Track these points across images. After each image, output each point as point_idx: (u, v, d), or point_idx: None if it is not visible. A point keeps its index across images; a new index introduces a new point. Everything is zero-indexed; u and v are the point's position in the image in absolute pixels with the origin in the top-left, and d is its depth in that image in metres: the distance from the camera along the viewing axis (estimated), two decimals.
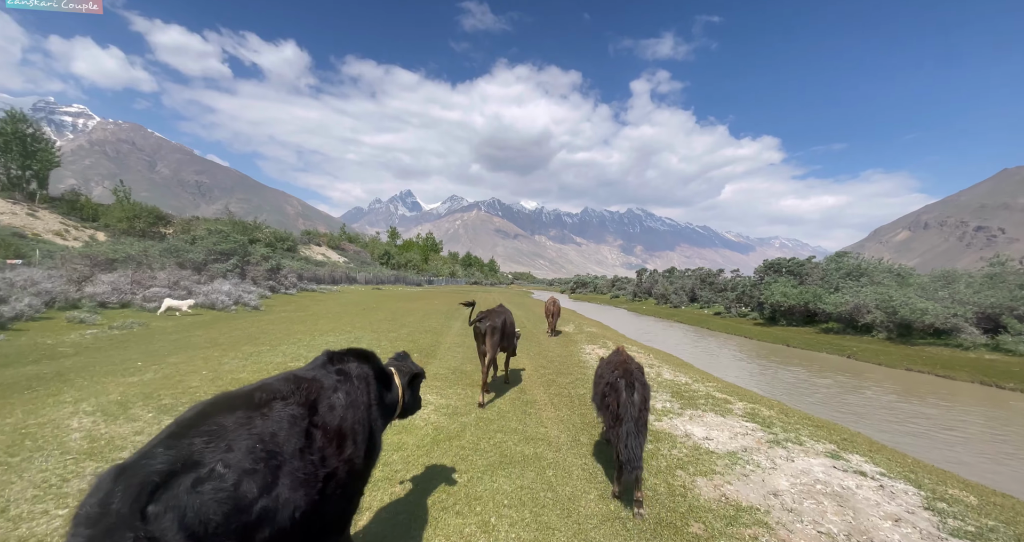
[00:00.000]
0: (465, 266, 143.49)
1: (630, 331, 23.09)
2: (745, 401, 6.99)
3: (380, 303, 25.62)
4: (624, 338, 16.89)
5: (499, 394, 6.92)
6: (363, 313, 18.75)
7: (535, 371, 8.72)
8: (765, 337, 23.17)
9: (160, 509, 1.33)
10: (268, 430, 1.69)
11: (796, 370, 14.46)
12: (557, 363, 9.62)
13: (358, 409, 2.23)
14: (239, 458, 1.53)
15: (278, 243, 57.96)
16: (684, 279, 46.65)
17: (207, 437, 1.53)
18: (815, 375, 13.64)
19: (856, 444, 5.33)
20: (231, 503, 1.44)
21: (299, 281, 35.09)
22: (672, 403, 6.62)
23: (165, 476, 1.38)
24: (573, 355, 10.88)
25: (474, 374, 8.10)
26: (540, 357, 10.37)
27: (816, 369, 14.79)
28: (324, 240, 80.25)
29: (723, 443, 5.01)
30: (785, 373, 13.86)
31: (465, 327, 15.44)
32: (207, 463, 1.46)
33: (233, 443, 1.56)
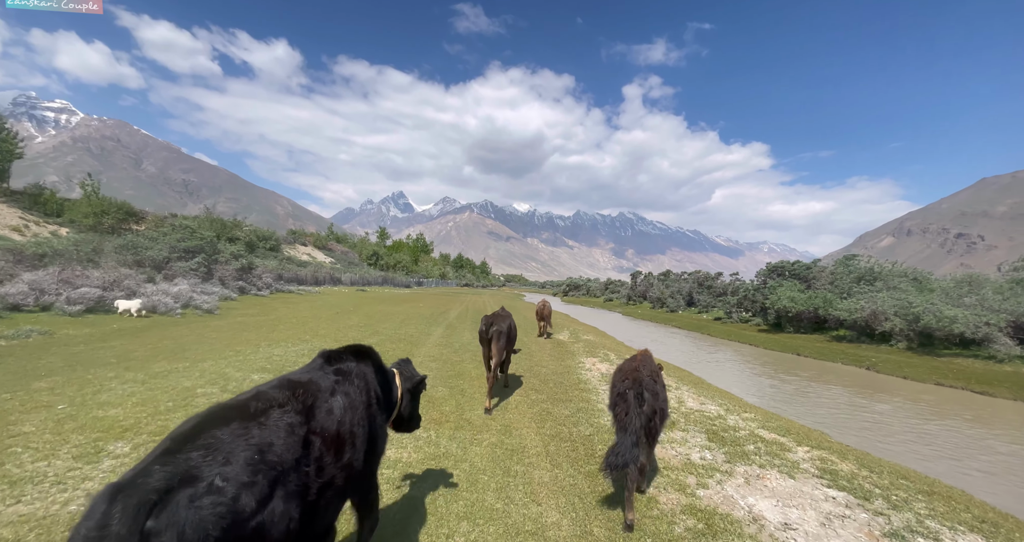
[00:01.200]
0: (456, 268, 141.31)
1: (631, 338, 21.37)
2: (805, 444, 5.25)
3: (359, 306, 23.63)
4: (625, 347, 15.13)
5: (477, 431, 5.14)
6: (335, 318, 16.79)
7: (525, 395, 6.91)
8: (772, 345, 21.60)
9: (159, 527, 1.30)
10: (266, 440, 1.65)
11: (826, 387, 12.80)
12: (552, 384, 7.82)
13: (357, 410, 2.20)
14: (237, 471, 1.50)
15: (260, 242, 55.54)
16: (681, 282, 45.22)
17: (204, 451, 1.49)
18: (855, 395, 11.97)
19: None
20: (230, 517, 1.41)
21: (278, 282, 32.91)
22: (713, 452, 4.84)
23: (163, 493, 1.35)
24: (570, 371, 9.09)
25: (449, 402, 6.30)
26: (532, 375, 8.56)
27: (849, 386, 13.15)
28: (310, 240, 77.68)
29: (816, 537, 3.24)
30: (816, 391, 12.19)
31: (447, 337, 13.59)
32: (205, 477, 1.43)
33: (231, 456, 1.52)
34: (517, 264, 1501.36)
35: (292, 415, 1.83)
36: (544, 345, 13.04)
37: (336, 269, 59.70)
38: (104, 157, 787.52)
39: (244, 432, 1.63)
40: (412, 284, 77.91)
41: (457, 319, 19.89)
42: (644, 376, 3.79)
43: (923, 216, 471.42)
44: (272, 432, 1.71)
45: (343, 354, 2.42)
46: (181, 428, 1.60)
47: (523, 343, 13.18)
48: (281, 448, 1.69)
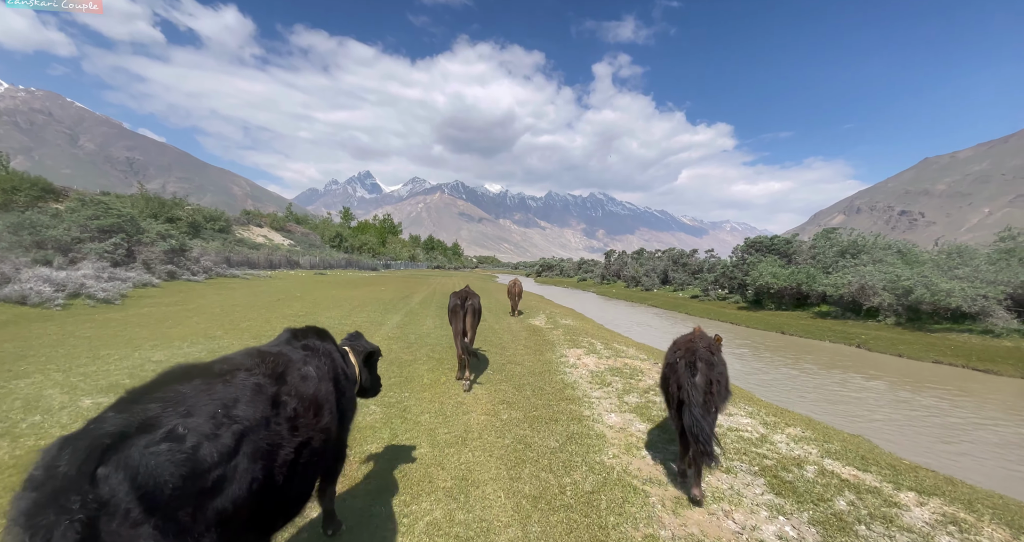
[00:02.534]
0: (427, 250, 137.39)
1: (613, 321, 19.85)
2: (909, 486, 3.57)
3: (309, 291, 21.01)
4: (610, 333, 13.47)
5: (413, 494, 3.19)
6: (272, 306, 14.29)
7: (494, 414, 4.98)
8: (755, 323, 20.64)
9: (110, 470, 1.25)
10: (231, 396, 1.61)
11: (838, 373, 11.55)
12: (529, 392, 5.92)
13: (328, 381, 2.23)
14: (200, 422, 1.45)
15: (207, 223, 50.83)
16: (655, 261, 44.36)
17: (164, 402, 1.45)
18: (894, 385, 10.74)
19: None
20: (188, 466, 1.35)
21: (220, 266, 29.48)
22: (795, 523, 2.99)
23: (117, 438, 1.30)
24: (552, 369, 7.23)
25: (380, 432, 4.30)
26: (504, 377, 6.65)
27: (851, 367, 11.97)
28: (266, 221, 72.29)
29: None
30: (826, 377, 10.90)
31: (403, 327, 11.48)
32: (164, 425, 1.38)
33: (193, 408, 1.48)
34: (490, 245, 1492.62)
35: (260, 377, 1.80)
36: (518, 333, 11.16)
37: (295, 252, 55.73)
38: (34, 132, 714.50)
39: (207, 387, 1.59)
40: (379, 267, 74.42)
41: (421, 304, 17.72)
42: (699, 346, 3.48)
43: (871, 195, 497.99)
44: (238, 389, 1.66)
45: (308, 333, 2.45)
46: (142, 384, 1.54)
47: (492, 331, 11.26)
48: (247, 405, 1.63)
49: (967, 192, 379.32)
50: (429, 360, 7.54)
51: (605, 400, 5.58)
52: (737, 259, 28.12)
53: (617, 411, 5.16)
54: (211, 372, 1.68)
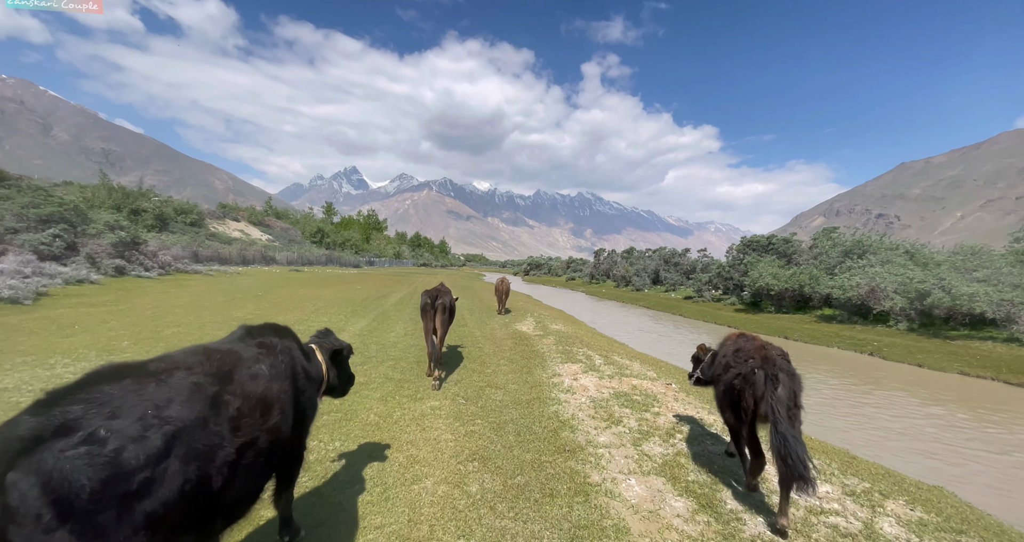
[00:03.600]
0: (413, 247, 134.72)
1: (610, 326, 18.39)
2: None
3: (275, 290, 19.08)
4: (607, 340, 11.95)
5: None
6: (220, 308, 12.42)
7: (459, 468, 3.41)
8: (756, 327, 19.40)
9: (19, 476, 1.22)
10: (164, 397, 1.57)
11: (876, 390, 10.21)
12: (512, 435, 4.30)
13: (283, 380, 2.15)
14: (125, 425, 1.41)
15: (178, 216, 48.08)
16: (646, 260, 43.17)
17: (86, 404, 1.40)
18: (934, 403, 9.40)
19: None
20: (110, 470, 1.31)
21: (183, 261, 27.19)
22: None
23: (29, 442, 1.27)
24: (542, 396, 5.64)
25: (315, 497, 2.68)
26: (480, 404, 5.09)
27: (871, 381, 10.65)
28: (244, 215, 69.24)
29: None
30: (858, 393, 9.54)
31: (369, 334, 9.79)
32: (85, 428, 1.34)
33: (119, 410, 1.43)
34: (478, 243, 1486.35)
35: (201, 376, 1.75)
36: (503, 342, 9.56)
37: (272, 247, 53.21)
38: (5, 121, 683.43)
39: (138, 388, 1.54)
40: (362, 264, 72.05)
41: (395, 306, 15.99)
42: (773, 353, 3.13)
43: (850, 198, 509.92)
44: (172, 389, 1.61)
45: (265, 330, 2.38)
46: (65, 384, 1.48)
47: (473, 340, 9.64)
48: (182, 405, 1.60)
49: (941, 196, 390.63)
50: (386, 382, 5.89)
51: (618, 450, 4.02)
52: (733, 259, 26.97)
53: (638, 472, 3.60)
54: (145, 371, 1.64)
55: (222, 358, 1.89)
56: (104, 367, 1.59)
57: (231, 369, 1.88)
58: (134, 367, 1.64)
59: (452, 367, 6.99)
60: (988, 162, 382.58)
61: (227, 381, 1.82)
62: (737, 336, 3.79)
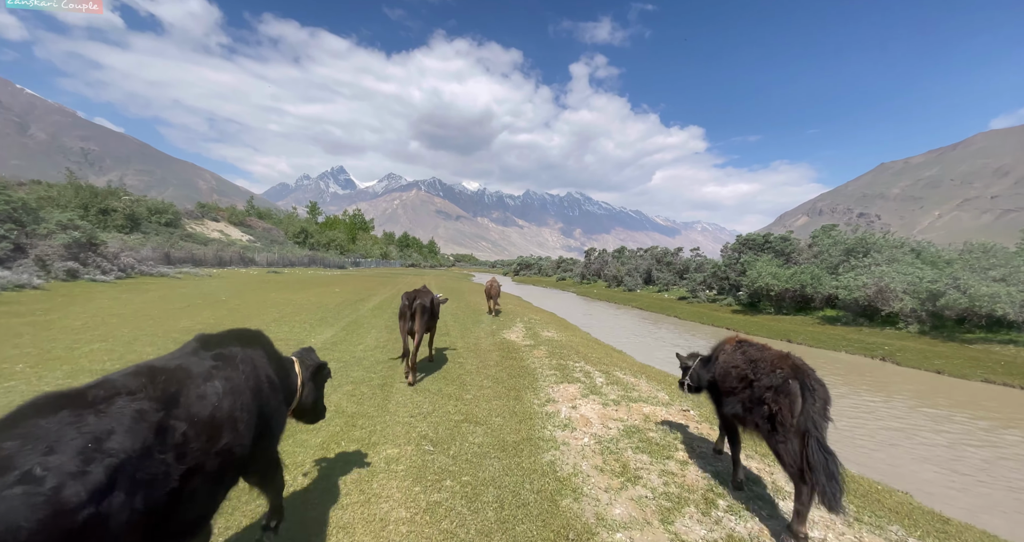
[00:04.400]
0: (402, 247, 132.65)
1: (607, 332, 17.29)
2: None
3: (244, 294, 17.58)
4: (603, 349, 10.79)
5: None
6: (168, 316, 10.97)
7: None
8: (755, 329, 18.48)
9: None
10: (104, 428, 1.50)
11: (902, 402, 9.19)
12: (491, 508, 3.04)
13: (241, 395, 2.06)
14: (63, 460, 1.37)
15: (153, 216, 45.94)
16: (638, 259, 42.29)
17: (21, 440, 1.37)
18: (980, 420, 8.38)
19: None
20: (49, 508, 1.28)
21: (154, 263, 25.43)
22: None
23: None
24: (532, 437, 4.38)
25: None
26: (451, 454, 3.89)
27: (890, 391, 9.64)
28: (224, 215, 66.91)
29: None
30: (904, 412, 8.50)
31: (334, 347, 8.49)
32: (20, 466, 1.31)
33: (56, 445, 1.40)
34: (467, 243, 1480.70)
35: (144, 402, 1.66)
36: (488, 355, 8.34)
37: (252, 248, 51.25)
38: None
39: (76, 420, 1.48)
40: (347, 265, 70.17)
41: (373, 311, 14.67)
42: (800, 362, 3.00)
43: (832, 197, 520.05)
44: (114, 420, 1.54)
45: (225, 339, 2.25)
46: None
47: (454, 352, 8.40)
48: (124, 436, 1.53)
49: (919, 196, 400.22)
50: (335, 418, 4.62)
51: (641, 534, 2.83)
52: (728, 258, 26.11)
53: None
54: (83, 401, 1.56)
55: (168, 378, 1.82)
56: (39, 398, 1.52)
57: (177, 390, 1.80)
58: (71, 397, 1.55)
59: (425, 393, 5.76)
60: (964, 162, 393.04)
61: (173, 404, 1.74)
62: (737, 342, 3.61)
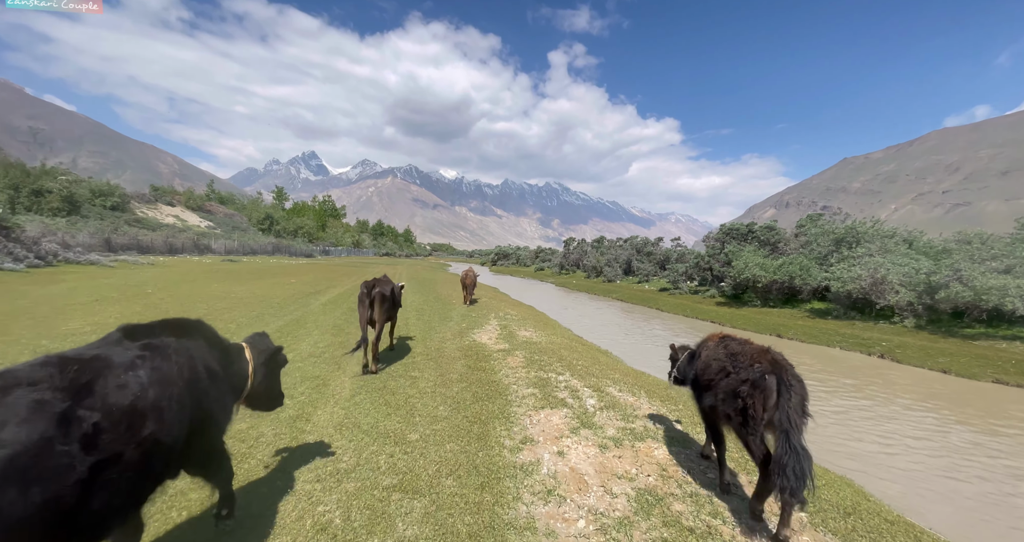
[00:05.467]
0: (376, 235, 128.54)
1: (592, 328, 15.94)
2: None
3: (183, 285, 15.31)
4: (599, 358, 9.35)
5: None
6: (59, 315, 8.85)
7: None
8: (742, 323, 17.54)
9: None
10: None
11: (913, 409, 8.08)
12: None
13: (172, 385, 2.02)
14: None
15: (97, 199, 42.11)
16: (617, 250, 41.29)
17: None
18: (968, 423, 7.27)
19: None
20: None
21: (82, 249, 22.48)
22: None
23: None
24: (496, 519, 2.89)
25: None
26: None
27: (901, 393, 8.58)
28: (180, 199, 62.36)
29: None
30: (917, 419, 7.36)
31: None
32: None
33: None
34: (445, 233, 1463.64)
35: (46, 392, 1.64)
36: (451, 364, 6.77)
37: (210, 235, 47.75)
38: None
39: None
40: (316, 253, 66.87)
41: (325, 306, 12.82)
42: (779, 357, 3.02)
43: (798, 191, 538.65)
44: (8, 410, 1.54)
45: (155, 328, 2.19)
46: None
47: (412, 362, 6.77)
48: (19, 427, 1.52)
49: (877, 190, 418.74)
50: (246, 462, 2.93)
51: None
52: (712, 248, 25.20)
53: None
54: None
55: (80, 368, 1.77)
56: None
57: (91, 380, 1.76)
58: None
59: (354, 430, 4.13)
60: (919, 158, 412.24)
61: (84, 394, 1.70)
62: (720, 337, 3.63)
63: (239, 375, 2.51)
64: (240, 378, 2.53)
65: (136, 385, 1.83)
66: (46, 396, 1.59)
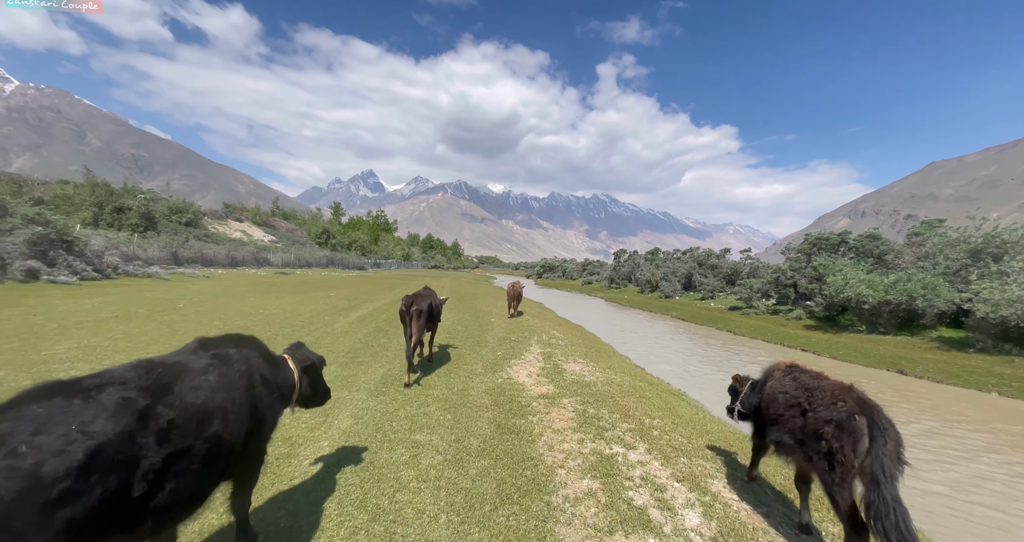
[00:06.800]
0: (425, 249, 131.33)
1: (648, 350, 13.58)
2: None
3: (217, 299, 14.80)
4: (679, 404, 7.12)
5: None
6: (56, 336, 8.05)
7: None
8: (847, 353, 14.22)
9: None
10: (90, 413, 1.65)
11: None
12: None
13: (235, 390, 2.23)
14: (48, 440, 1.52)
15: (173, 215, 45.26)
16: (675, 262, 37.82)
17: (13, 422, 1.53)
18: None
19: None
20: (27, 481, 1.43)
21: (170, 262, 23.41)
22: None
23: None
24: None
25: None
26: None
27: None
28: (248, 215, 66.55)
29: None
30: None
31: None
32: (7, 444, 1.47)
33: (44, 427, 1.55)
34: (492, 246, 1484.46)
35: (132, 391, 1.82)
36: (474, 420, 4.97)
37: (272, 248, 49.98)
38: (43, 129, 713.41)
39: (65, 405, 1.63)
40: (368, 266, 68.46)
41: (350, 326, 11.51)
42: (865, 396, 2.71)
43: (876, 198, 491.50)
44: (99, 406, 1.69)
45: (222, 341, 2.46)
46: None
47: (421, 403, 5.00)
48: (107, 421, 1.67)
49: (974, 197, 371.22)
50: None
51: None
52: (796, 261, 21.65)
53: None
54: (76, 389, 1.71)
55: (163, 372, 1.97)
56: (38, 386, 1.67)
57: (170, 382, 1.95)
58: (67, 385, 1.71)
59: None
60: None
61: (164, 393, 1.89)
62: (787, 367, 3.40)
63: (286, 384, 2.75)
64: (288, 387, 2.77)
65: (207, 388, 2.05)
66: (132, 394, 1.78)
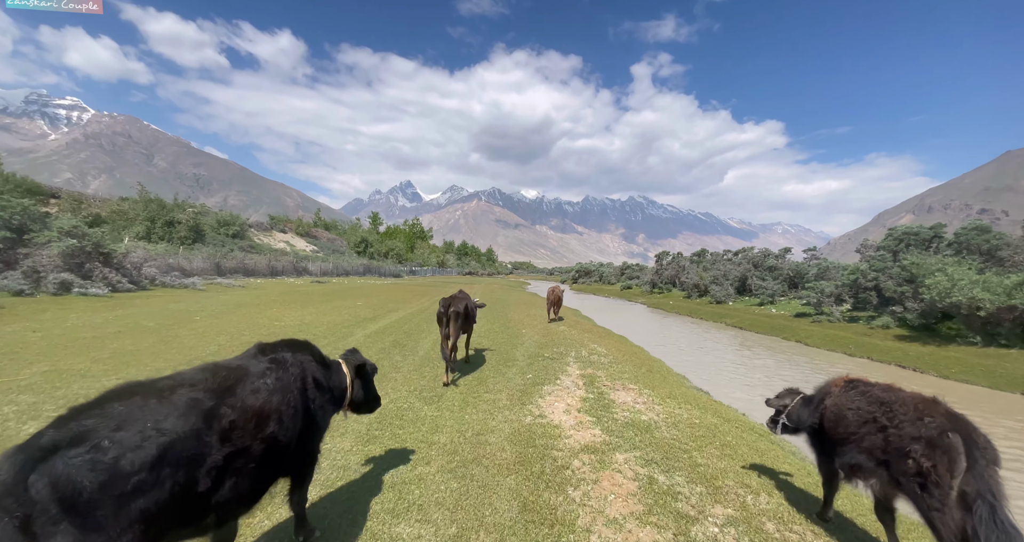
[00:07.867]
0: (460, 255, 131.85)
1: (710, 369, 11.60)
2: None
3: (242, 310, 14.17)
4: (777, 460, 5.27)
5: None
6: (39, 357, 7.25)
7: None
8: (962, 371, 11.51)
9: (37, 478, 1.48)
10: (163, 412, 1.78)
11: None
12: None
13: (289, 392, 2.34)
14: (127, 436, 1.63)
15: (221, 228, 47.04)
16: (726, 264, 34.70)
17: (98, 418, 1.65)
18: None
19: None
20: (107, 474, 1.54)
21: (180, 274, 23.66)
22: None
23: (47, 451, 1.52)
24: None
25: None
26: None
27: None
28: (292, 227, 68.89)
29: None
30: None
31: None
32: (91, 440, 1.58)
33: (124, 423, 1.66)
34: (526, 251, 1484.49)
35: (200, 392, 1.95)
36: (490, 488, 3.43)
37: (311, 257, 50.95)
38: (116, 153, 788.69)
39: (143, 404, 1.77)
40: (403, 273, 68.76)
41: (369, 338, 10.32)
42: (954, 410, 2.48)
43: (945, 192, 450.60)
44: (171, 406, 1.83)
45: (279, 346, 2.57)
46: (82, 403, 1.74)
47: (421, 452, 3.48)
48: (178, 419, 1.80)
49: None
50: None
51: None
52: (878, 259, 18.64)
53: None
54: (152, 389, 1.85)
55: (227, 374, 2.11)
56: (119, 386, 1.84)
57: (233, 384, 2.08)
58: (144, 385, 1.87)
59: None
60: None
61: (227, 395, 2.01)
62: (847, 381, 3.09)
63: (339, 387, 2.85)
64: (340, 390, 2.86)
65: (265, 391, 2.17)
66: (200, 395, 1.92)
